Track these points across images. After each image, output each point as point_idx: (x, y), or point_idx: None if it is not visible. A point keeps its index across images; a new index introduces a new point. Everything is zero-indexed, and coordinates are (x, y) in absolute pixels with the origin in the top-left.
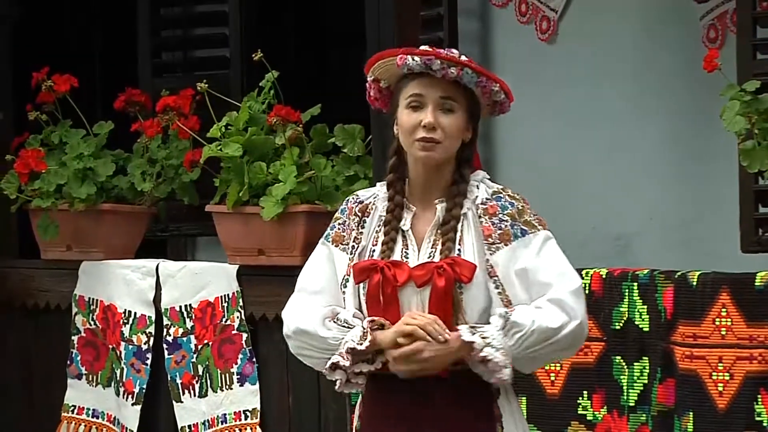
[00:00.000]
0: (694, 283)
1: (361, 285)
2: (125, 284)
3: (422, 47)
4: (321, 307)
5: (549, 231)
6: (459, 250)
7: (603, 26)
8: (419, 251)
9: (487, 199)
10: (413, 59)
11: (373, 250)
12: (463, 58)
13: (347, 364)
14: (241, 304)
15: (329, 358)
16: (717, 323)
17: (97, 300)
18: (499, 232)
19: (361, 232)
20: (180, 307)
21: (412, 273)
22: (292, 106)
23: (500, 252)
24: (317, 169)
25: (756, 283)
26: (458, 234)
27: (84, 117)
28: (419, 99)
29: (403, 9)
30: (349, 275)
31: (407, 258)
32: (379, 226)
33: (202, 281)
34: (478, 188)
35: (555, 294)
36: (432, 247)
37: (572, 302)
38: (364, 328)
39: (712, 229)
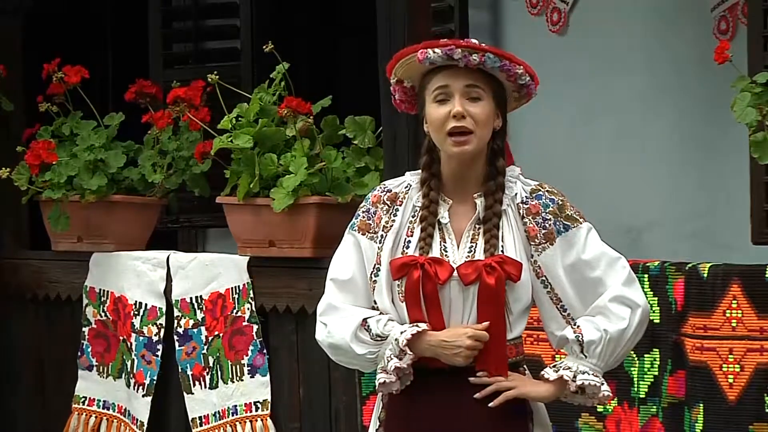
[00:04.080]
0: (705, 275)
1: (398, 281)
2: (136, 276)
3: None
4: (351, 316)
5: (589, 222)
6: (502, 247)
7: (613, 18)
8: (458, 246)
9: (527, 197)
10: (434, 52)
11: (408, 242)
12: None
13: (393, 379)
14: (251, 295)
15: (367, 364)
16: (728, 315)
17: (107, 291)
18: (543, 231)
19: (393, 219)
20: (191, 298)
21: (459, 270)
22: (302, 98)
23: (546, 252)
24: (328, 160)
25: (767, 275)
26: (500, 230)
27: (95, 108)
28: (445, 90)
29: (414, 1)
30: (379, 264)
31: (446, 252)
32: (413, 217)
33: (213, 273)
34: (515, 185)
35: (612, 291)
36: (472, 242)
37: (629, 292)
38: (401, 347)
39: (723, 221)
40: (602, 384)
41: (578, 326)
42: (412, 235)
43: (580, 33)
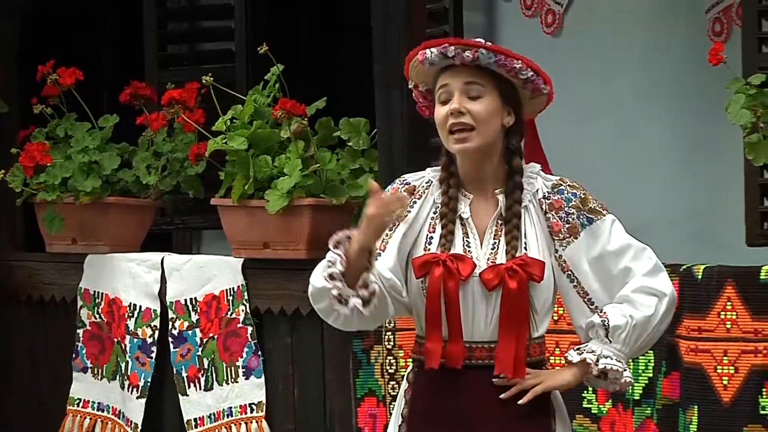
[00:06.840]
0: (700, 277)
1: (421, 279)
2: (130, 277)
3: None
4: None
5: (612, 214)
6: (525, 245)
7: (608, 20)
8: (481, 243)
9: (548, 192)
10: (430, 51)
11: (431, 238)
12: (486, 44)
13: (329, 285)
14: (246, 297)
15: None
16: (722, 317)
17: (102, 293)
18: (567, 226)
19: (409, 211)
20: (185, 300)
21: (482, 276)
22: (297, 100)
23: (571, 246)
24: (322, 162)
25: (761, 277)
26: (522, 229)
27: (89, 110)
28: (446, 89)
29: (410, 3)
30: (381, 251)
31: (469, 248)
32: (435, 214)
33: (208, 274)
34: (536, 180)
35: (637, 282)
36: (494, 239)
37: (655, 282)
38: (335, 254)
39: (719, 222)
40: (624, 370)
41: (604, 312)
42: (434, 231)
43: (574, 35)
